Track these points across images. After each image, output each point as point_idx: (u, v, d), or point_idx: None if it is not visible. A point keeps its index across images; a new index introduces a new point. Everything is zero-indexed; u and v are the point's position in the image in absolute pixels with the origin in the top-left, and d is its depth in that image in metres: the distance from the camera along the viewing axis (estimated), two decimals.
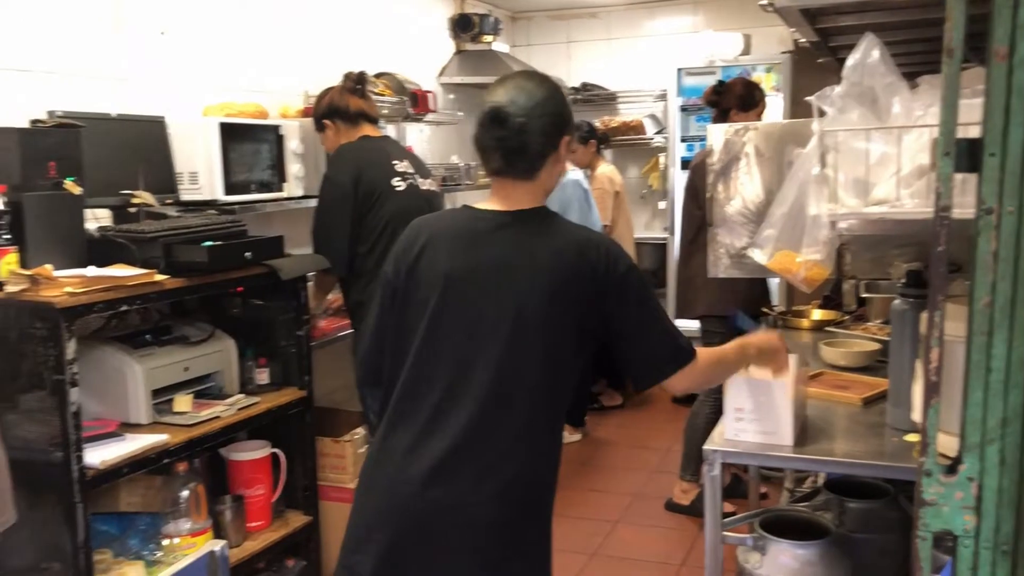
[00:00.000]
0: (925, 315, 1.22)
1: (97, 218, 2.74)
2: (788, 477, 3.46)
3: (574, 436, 5.04)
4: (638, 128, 6.00)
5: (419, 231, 1.76)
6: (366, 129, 3.21)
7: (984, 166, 1.11)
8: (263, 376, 2.99)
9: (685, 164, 5.61)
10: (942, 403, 1.16)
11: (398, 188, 3.10)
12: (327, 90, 3.28)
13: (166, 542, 2.54)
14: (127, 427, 2.51)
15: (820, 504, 2.28)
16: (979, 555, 1.15)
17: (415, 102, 4.45)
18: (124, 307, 2.38)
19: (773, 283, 4.45)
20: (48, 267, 2.22)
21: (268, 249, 2.82)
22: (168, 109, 3.13)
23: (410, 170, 3.19)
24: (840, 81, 2.09)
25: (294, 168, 3.38)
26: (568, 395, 1.77)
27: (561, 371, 1.72)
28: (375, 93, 3.99)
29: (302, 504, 3.08)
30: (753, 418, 2.03)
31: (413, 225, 1.80)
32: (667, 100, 5.82)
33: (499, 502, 1.67)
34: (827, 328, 3.20)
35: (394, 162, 3.15)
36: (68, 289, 2.19)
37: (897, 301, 2.15)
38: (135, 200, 2.75)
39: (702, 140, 5.26)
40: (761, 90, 3.91)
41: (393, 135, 4.26)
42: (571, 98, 6.10)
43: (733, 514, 2.35)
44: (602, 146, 5.55)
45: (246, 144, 3.18)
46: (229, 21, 3.60)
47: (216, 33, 3.53)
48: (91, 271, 2.36)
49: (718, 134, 2.84)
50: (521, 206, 1.73)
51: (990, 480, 1.14)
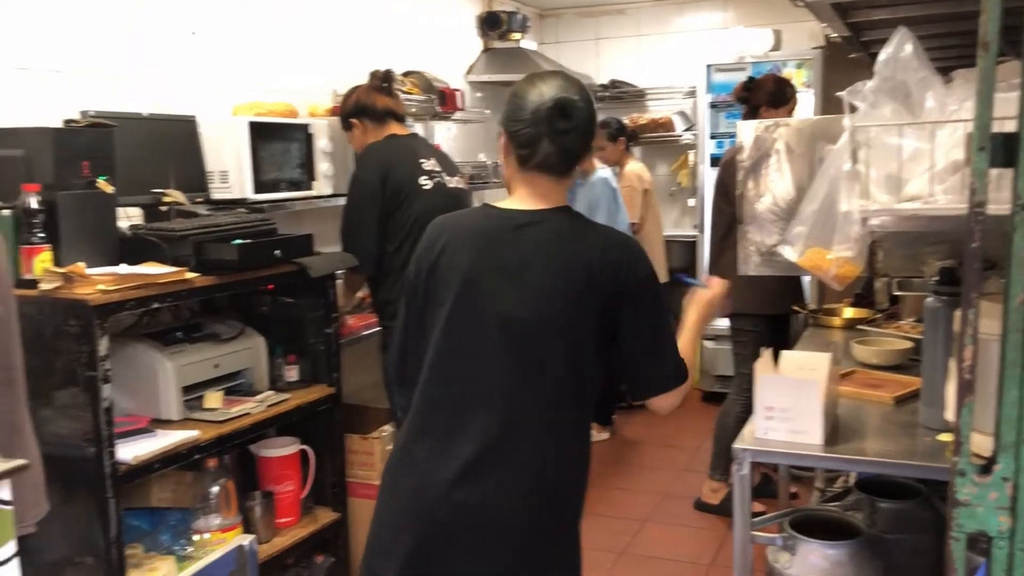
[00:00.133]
0: (959, 313, 1.20)
1: (129, 216, 2.77)
2: (819, 477, 3.43)
3: (602, 435, 5.03)
4: (667, 125, 5.96)
5: (440, 231, 1.75)
6: (393, 128, 3.22)
7: (1020, 161, 1.09)
8: (292, 373, 3.01)
9: (715, 161, 5.57)
10: (976, 402, 1.14)
11: (425, 187, 3.11)
12: (354, 89, 3.29)
13: (196, 537, 2.57)
14: (158, 423, 2.54)
15: (851, 504, 2.25)
16: (1014, 557, 1.13)
17: (443, 100, 4.46)
18: (155, 304, 2.41)
19: (805, 281, 4.41)
20: (81, 265, 2.25)
21: (297, 247, 2.84)
22: (199, 108, 3.16)
23: (437, 168, 3.19)
24: (872, 76, 2.07)
25: (323, 167, 3.40)
26: (594, 394, 1.75)
27: (584, 371, 1.70)
28: (403, 91, 4.00)
29: (331, 501, 3.10)
30: (783, 417, 2.01)
31: (434, 224, 1.79)
32: (696, 97, 5.78)
33: (525, 504, 1.65)
34: (859, 326, 3.17)
35: (421, 160, 3.16)
36: (101, 287, 2.21)
37: (930, 299, 2.12)
38: (166, 199, 2.77)
39: (732, 137, 5.22)
40: (792, 86, 3.87)
41: (421, 133, 4.27)
42: (599, 95, 6.10)
43: (763, 514, 2.33)
44: (631, 143, 5.53)
45: (275, 143, 3.20)
46: (258, 21, 3.63)
47: (246, 33, 3.56)
48: (123, 269, 2.38)
49: (748, 131, 2.81)
50: (546, 204, 1.72)
51: None
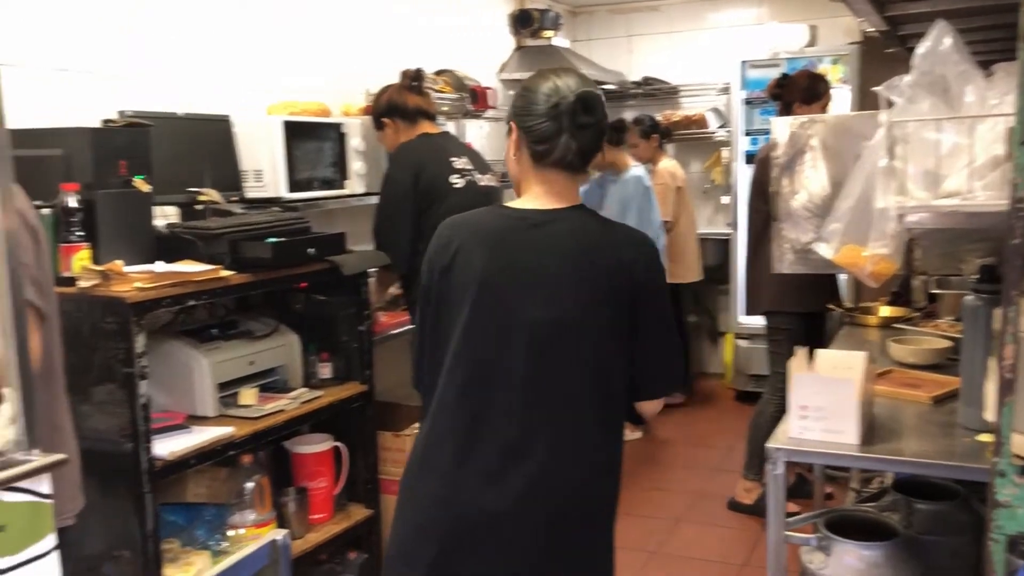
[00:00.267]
0: (999, 311, 1.18)
1: (165, 215, 2.81)
2: (854, 477, 3.39)
3: (635, 434, 5.01)
4: (701, 122, 5.93)
5: (451, 231, 1.71)
6: (425, 126, 3.24)
7: None
8: (326, 370, 3.03)
9: (749, 158, 5.52)
10: (1017, 402, 1.12)
11: (456, 185, 3.11)
12: (385, 88, 3.31)
13: (231, 533, 2.59)
14: (194, 419, 2.57)
15: (887, 505, 2.22)
16: None
17: (475, 98, 4.47)
18: (191, 302, 2.44)
19: (841, 278, 4.36)
20: (119, 263, 2.28)
21: (330, 245, 2.85)
22: (233, 108, 3.19)
23: (469, 167, 3.20)
24: (910, 71, 2.04)
25: (356, 165, 3.42)
26: (621, 393, 1.73)
27: (606, 371, 1.68)
28: (435, 90, 4.01)
29: (364, 497, 3.11)
30: (818, 416, 1.99)
31: (445, 225, 1.74)
32: (730, 93, 5.74)
33: (552, 509, 1.64)
34: (896, 325, 3.13)
35: (452, 159, 3.16)
36: (137, 284, 2.24)
37: (969, 297, 2.08)
38: (202, 197, 2.81)
39: (766, 134, 5.17)
40: (826, 82, 3.82)
41: (452, 132, 4.28)
42: (632, 92, 6.08)
43: (797, 514, 2.31)
44: (664, 141, 5.50)
45: (309, 142, 3.22)
46: (291, 21, 3.66)
47: (279, 33, 3.59)
48: (159, 267, 2.41)
49: (783, 127, 2.79)
50: (561, 203, 1.69)
51: None
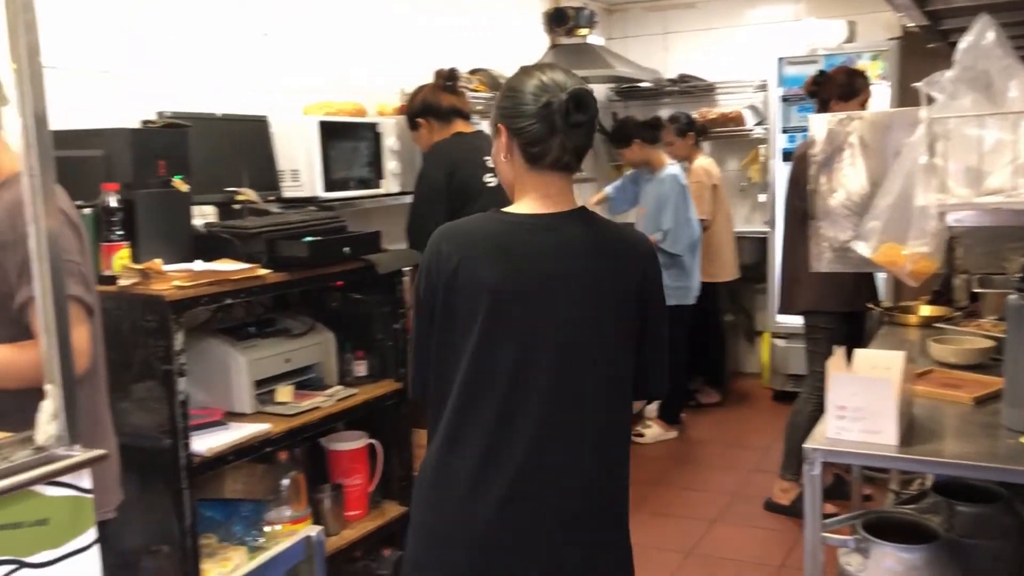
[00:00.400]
0: None
1: (203, 214, 2.84)
2: (893, 479, 3.33)
3: (669, 433, 4.98)
4: (737, 119, 5.87)
5: (449, 244, 1.63)
6: (459, 125, 3.24)
7: None
8: (361, 368, 3.05)
9: (786, 156, 5.45)
10: None
11: (490, 184, 3.12)
12: (419, 88, 3.32)
13: (268, 528, 2.62)
14: (231, 416, 2.60)
15: (927, 507, 2.19)
16: None
17: None
18: (229, 300, 2.46)
19: (880, 278, 4.30)
20: (158, 261, 2.31)
21: (366, 244, 2.87)
22: (270, 109, 3.22)
23: None
24: (951, 66, 2.00)
25: (391, 165, 3.44)
26: (630, 397, 1.73)
27: (622, 372, 1.68)
28: (469, 89, 4.02)
29: (398, 495, 3.13)
30: (856, 416, 1.96)
31: (441, 237, 1.65)
32: (767, 90, 5.67)
33: (575, 518, 1.63)
34: (936, 324, 3.08)
35: (486, 158, 3.17)
36: (176, 283, 2.27)
37: (1013, 296, 2.04)
38: (239, 197, 2.83)
39: (804, 131, 5.12)
40: (864, 77, 3.77)
41: (487, 131, 4.29)
42: (668, 90, 6.04)
43: (835, 515, 2.28)
44: (700, 138, 5.45)
45: (345, 142, 3.24)
46: (328, 22, 3.68)
47: (316, 34, 3.62)
48: (198, 265, 2.44)
49: (820, 124, 2.76)
50: (561, 206, 1.65)
51: None
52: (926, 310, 3.27)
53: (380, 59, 3.95)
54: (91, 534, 1.42)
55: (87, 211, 2.27)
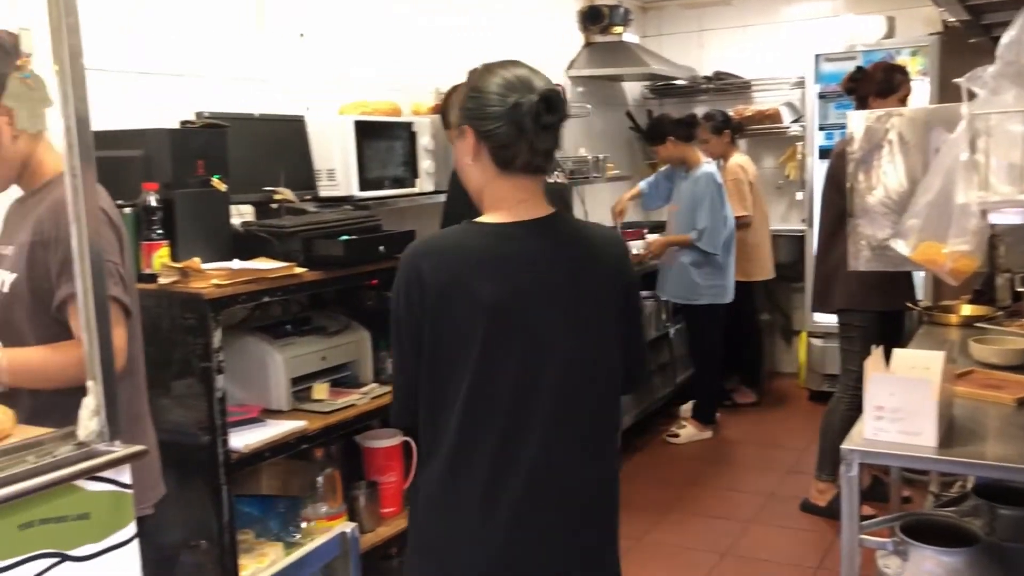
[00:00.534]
0: None
1: (241, 214, 2.87)
2: (933, 481, 3.29)
3: (704, 433, 4.95)
4: (774, 117, 5.82)
5: (431, 262, 1.55)
6: None
7: None
8: None
9: (823, 153, 5.40)
10: None
11: None
12: (453, 88, 3.32)
13: (304, 525, 2.64)
14: (268, 413, 2.62)
15: (968, 510, 2.16)
16: None
17: None
18: (266, 298, 2.49)
19: (919, 276, 4.24)
20: (197, 260, 2.33)
21: (401, 243, 2.87)
22: (307, 108, 3.25)
23: None
24: (993, 61, 1.97)
25: (425, 164, 3.45)
26: (620, 399, 1.74)
27: (614, 379, 1.68)
28: None
29: None
30: (895, 417, 1.94)
31: (413, 255, 1.58)
32: (804, 87, 5.62)
33: (577, 532, 1.64)
34: (978, 324, 3.03)
35: None
36: (215, 281, 2.30)
37: None
38: (276, 196, 2.86)
39: (842, 128, 5.06)
40: (904, 73, 3.71)
41: None
42: (703, 87, 6.00)
43: (873, 517, 2.26)
44: (736, 136, 5.41)
45: (380, 141, 3.26)
46: (363, 22, 3.70)
47: (351, 34, 3.64)
48: (236, 264, 2.47)
49: (858, 121, 2.73)
50: (538, 211, 1.61)
51: None
52: (967, 309, 3.22)
53: (415, 59, 3.97)
54: (131, 528, 1.45)
55: (127, 210, 2.30)
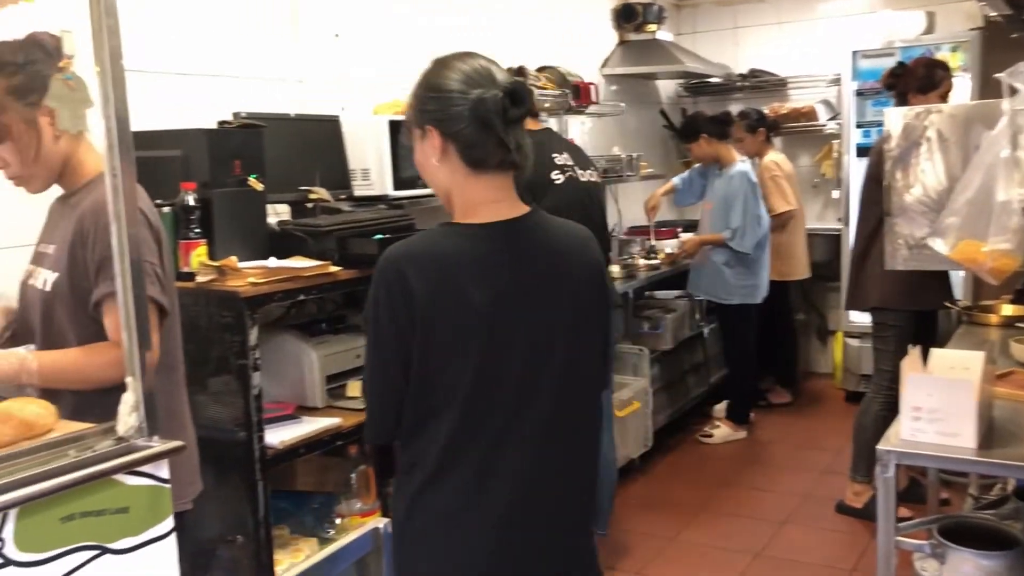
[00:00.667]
0: None
1: (277, 213, 2.90)
2: (972, 483, 3.24)
3: (738, 434, 4.91)
4: (810, 115, 5.76)
5: (416, 269, 1.48)
6: (527, 123, 3.24)
7: None
8: None
9: (860, 151, 5.34)
10: None
11: (557, 181, 3.12)
12: None
13: (338, 521, 2.66)
14: (303, 410, 2.64)
15: (1008, 513, 2.12)
16: None
17: (577, 94, 4.46)
18: (301, 297, 2.51)
19: (958, 276, 4.18)
20: (233, 259, 2.36)
21: None
22: (342, 108, 3.28)
23: (569, 162, 3.20)
24: None
25: None
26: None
27: (600, 376, 1.69)
28: (537, 87, 4.02)
29: None
30: (933, 418, 1.91)
31: (397, 262, 1.50)
32: (841, 85, 5.55)
33: (574, 529, 1.66)
34: (1019, 324, 2.97)
35: (553, 155, 3.17)
36: (251, 279, 2.32)
37: None
38: (312, 196, 2.89)
39: (879, 126, 5.00)
40: (946, 69, 3.65)
41: (555, 128, 4.29)
42: (738, 85, 5.95)
43: (910, 519, 2.23)
44: (771, 134, 5.37)
45: None
46: (397, 22, 3.72)
47: (385, 34, 3.66)
48: (272, 263, 2.49)
49: (896, 118, 2.69)
50: (516, 209, 1.57)
51: None
52: (1007, 309, 3.16)
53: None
54: (169, 522, 1.47)
55: (166, 210, 2.33)
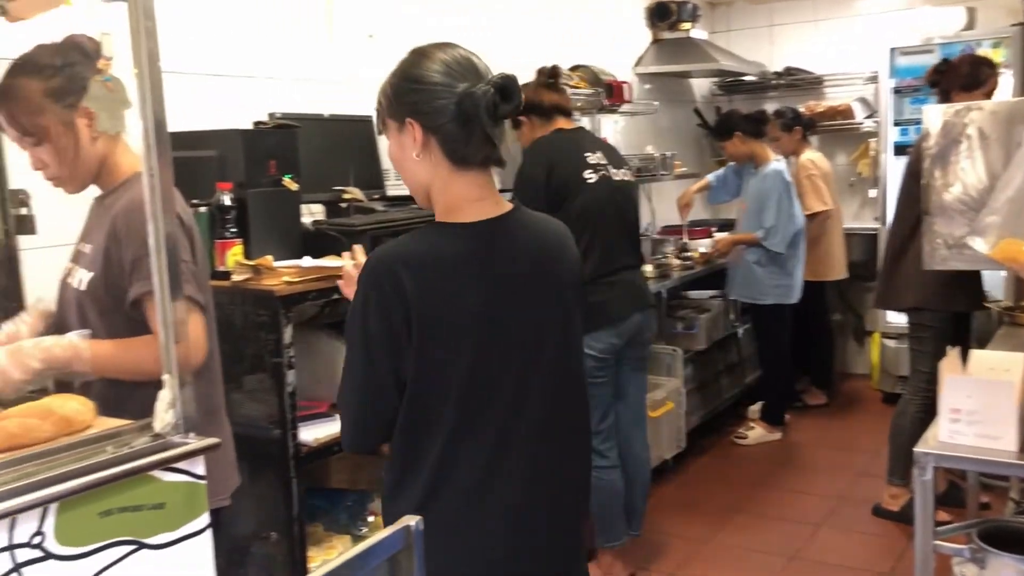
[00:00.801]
0: None
1: (311, 212, 2.93)
2: (1014, 486, 3.18)
3: (773, 435, 4.87)
4: (846, 113, 5.69)
5: (409, 270, 1.44)
6: (560, 122, 3.24)
7: None
8: None
9: (898, 149, 5.27)
10: None
11: (589, 180, 3.11)
12: (521, 87, 3.33)
13: (371, 519, 2.68)
14: (337, 408, 2.66)
15: None
16: None
17: (610, 93, 4.44)
18: (335, 296, 2.52)
19: (997, 275, 4.11)
20: (269, 258, 2.39)
21: None
22: (375, 109, 3.29)
23: (603, 161, 3.19)
24: None
25: None
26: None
27: (585, 373, 1.69)
28: (570, 86, 4.02)
29: None
30: (972, 420, 1.88)
31: (390, 264, 1.46)
32: (878, 82, 5.48)
33: (572, 527, 1.66)
34: None
35: (586, 154, 3.16)
36: (286, 278, 2.34)
37: None
38: (346, 195, 2.91)
39: (918, 124, 4.92)
40: (992, 66, 3.58)
41: (588, 127, 4.28)
42: (773, 83, 5.90)
43: (948, 523, 2.20)
44: (808, 132, 5.31)
45: None
46: (431, 23, 3.73)
47: (419, 35, 3.66)
48: (306, 262, 2.51)
49: (935, 116, 2.65)
50: (501, 206, 1.54)
51: None
52: None
53: (482, 57, 3.98)
54: (204, 519, 1.49)
55: (202, 209, 2.36)
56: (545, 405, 1.56)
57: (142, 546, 1.39)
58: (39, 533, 1.26)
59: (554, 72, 3.32)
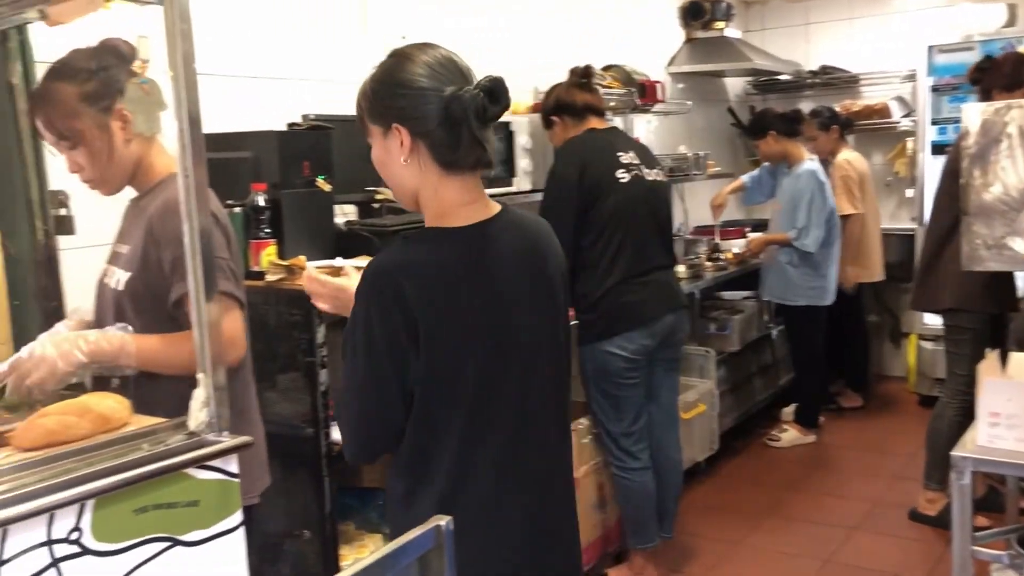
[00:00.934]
0: None
1: (344, 213, 2.94)
2: None
3: (807, 437, 4.82)
4: (883, 112, 5.61)
5: (412, 279, 1.43)
6: (592, 122, 3.24)
7: None
8: None
9: (936, 149, 5.19)
10: None
11: (622, 180, 3.10)
12: (554, 87, 3.33)
13: None
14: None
15: None
16: None
17: (643, 92, 4.42)
18: None
19: None
20: (302, 258, 2.40)
21: None
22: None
23: (635, 161, 3.17)
24: None
25: (523, 163, 3.47)
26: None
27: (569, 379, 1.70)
28: (602, 86, 4.01)
29: None
30: (1012, 424, 1.85)
31: (391, 274, 1.44)
32: (916, 80, 5.40)
33: (574, 525, 1.66)
34: None
35: (619, 154, 3.15)
36: None
37: None
38: (378, 196, 2.92)
39: (956, 123, 4.85)
40: None
41: (621, 127, 4.26)
42: (809, 82, 5.84)
43: (987, 528, 2.16)
44: (845, 132, 5.24)
45: None
46: (463, 23, 3.74)
47: (451, 35, 3.68)
48: (339, 262, 2.52)
49: (974, 115, 2.61)
50: (492, 208, 1.53)
51: None
52: None
53: (514, 58, 3.99)
54: (237, 516, 1.50)
55: (237, 210, 2.39)
56: (545, 404, 1.57)
57: (176, 543, 1.41)
58: (76, 529, 1.28)
59: (587, 72, 3.31)
